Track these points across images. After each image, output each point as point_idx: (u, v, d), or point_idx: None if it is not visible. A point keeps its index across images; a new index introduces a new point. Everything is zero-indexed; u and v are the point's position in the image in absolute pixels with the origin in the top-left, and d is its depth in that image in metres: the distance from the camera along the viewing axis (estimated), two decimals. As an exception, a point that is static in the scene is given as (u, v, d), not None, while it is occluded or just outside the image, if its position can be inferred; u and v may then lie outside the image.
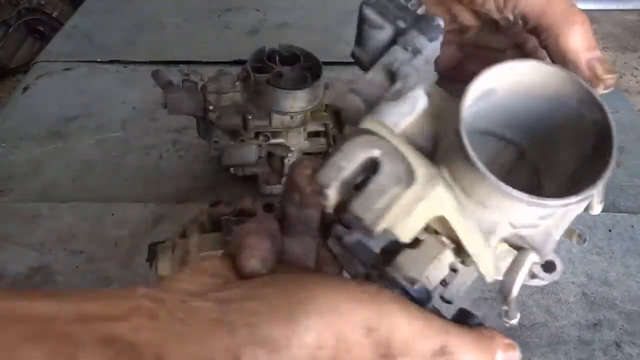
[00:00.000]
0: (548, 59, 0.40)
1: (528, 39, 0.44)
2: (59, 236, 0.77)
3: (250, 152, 0.77)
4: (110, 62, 1.16)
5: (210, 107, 0.73)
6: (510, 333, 0.65)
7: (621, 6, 3.34)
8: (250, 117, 0.73)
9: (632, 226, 0.80)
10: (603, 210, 0.85)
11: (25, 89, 1.08)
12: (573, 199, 0.32)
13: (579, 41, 0.38)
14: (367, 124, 0.34)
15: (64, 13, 2.55)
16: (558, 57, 0.39)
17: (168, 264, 0.59)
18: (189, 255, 0.59)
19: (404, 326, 0.32)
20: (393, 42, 0.38)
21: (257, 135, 0.76)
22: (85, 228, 0.78)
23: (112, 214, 0.80)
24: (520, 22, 0.41)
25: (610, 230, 0.78)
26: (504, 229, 0.35)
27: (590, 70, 0.38)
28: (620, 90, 1.19)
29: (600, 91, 0.38)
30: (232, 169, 0.82)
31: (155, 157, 0.91)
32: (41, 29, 2.57)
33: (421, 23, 0.38)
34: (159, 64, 1.13)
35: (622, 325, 0.67)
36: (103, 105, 1.03)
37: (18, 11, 2.49)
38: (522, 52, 0.45)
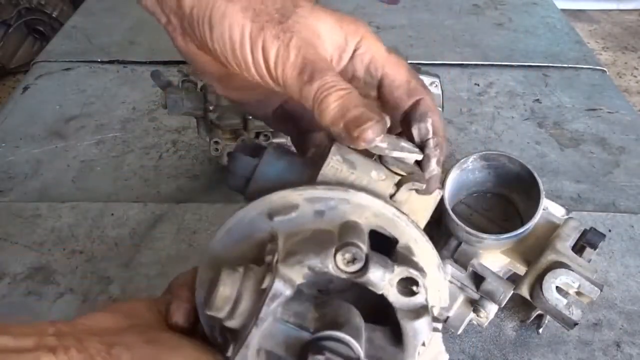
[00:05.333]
0: None
1: None
2: (59, 236, 0.77)
3: (250, 152, 0.77)
4: (110, 62, 1.16)
5: (210, 107, 0.73)
6: (511, 333, 0.65)
7: (621, 6, 3.34)
8: (250, 117, 0.73)
9: (632, 226, 0.79)
10: (603, 211, 0.85)
11: (25, 89, 1.08)
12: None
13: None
14: None
15: (64, 13, 2.55)
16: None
17: None
18: None
19: None
20: None
21: (257, 135, 0.76)
22: (85, 228, 0.78)
23: (112, 214, 0.80)
24: None
25: (610, 230, 0.78)
26: None
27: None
28: (620, 90, 1.19)
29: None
30: (232, 169, 0.82)
31: (155, 157, 0.91)
32: (41, 29, 2.57)
33: None
34: (159, 64, 1.14)
35: (622, 325, 0.67)
36: (103, 105, 1.03)
37: (18, 11, 2.49)
38: None
